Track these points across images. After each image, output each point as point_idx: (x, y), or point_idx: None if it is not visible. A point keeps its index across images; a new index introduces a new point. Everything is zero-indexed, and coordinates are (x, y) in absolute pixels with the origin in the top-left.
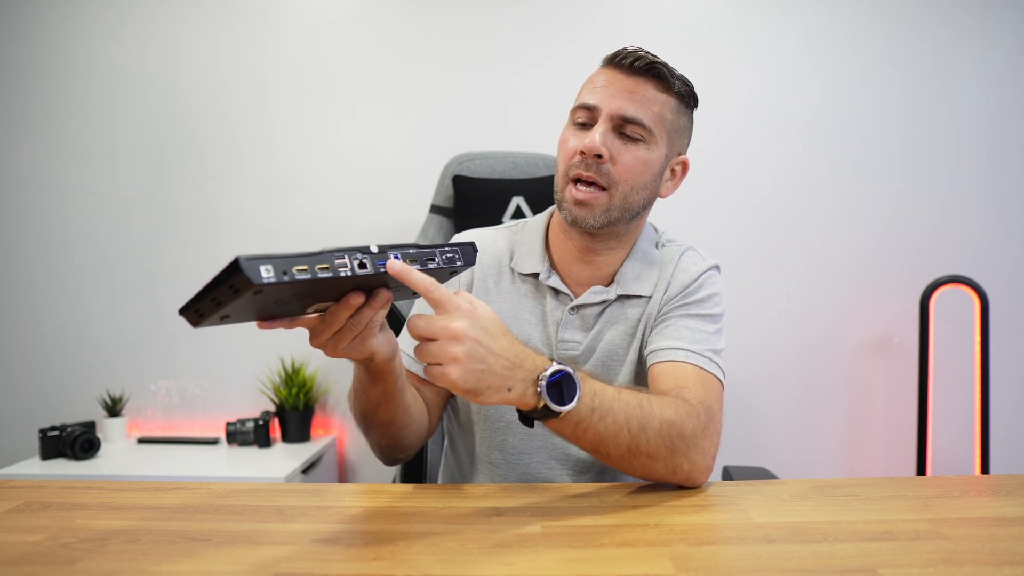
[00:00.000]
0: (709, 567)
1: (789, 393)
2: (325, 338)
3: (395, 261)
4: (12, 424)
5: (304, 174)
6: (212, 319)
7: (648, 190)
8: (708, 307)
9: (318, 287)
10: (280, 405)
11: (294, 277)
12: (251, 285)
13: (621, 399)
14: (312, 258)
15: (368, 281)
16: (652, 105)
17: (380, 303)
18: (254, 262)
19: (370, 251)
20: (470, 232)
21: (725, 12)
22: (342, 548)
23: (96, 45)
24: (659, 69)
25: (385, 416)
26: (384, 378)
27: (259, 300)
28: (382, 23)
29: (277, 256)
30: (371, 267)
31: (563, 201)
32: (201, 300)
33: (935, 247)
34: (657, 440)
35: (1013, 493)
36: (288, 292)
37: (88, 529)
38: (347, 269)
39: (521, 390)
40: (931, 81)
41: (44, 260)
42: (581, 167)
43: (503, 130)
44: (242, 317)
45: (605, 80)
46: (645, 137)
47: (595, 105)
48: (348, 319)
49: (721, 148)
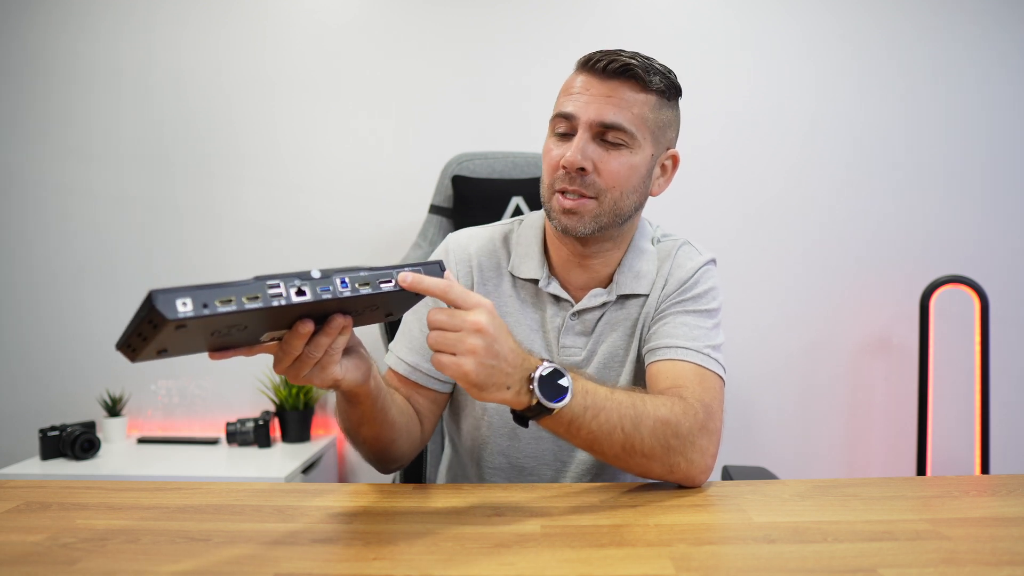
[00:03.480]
0: (709, 567)
1: (789, 393)
2: (285, 365)
3: (407, 274)
4: (12, 424)
5: (305, 174)
6: (147, 353)
7: (638, 192)
8: (705, 302)
9: (255, 318)
10: (280, 405)
11: (216, 310)
12: (167, 321)
13: (614, 398)
14: (238, 288)
15: (319, 307)
16: (631, 107)
17: (335, 330)
18: (170, 295)
19: (311, 277)
20: (465, 230)
21: (725, 12)
22: (342, 548)
23: (99, 45)
24: (633, 69)
25: (369, 433)
26: (360, 401)
27: (191, 333)
28: (383, 25)
29: (197, 287)
30: (311, 293)
31: (551, 211)
32: (130, 335)
33: (935, 247)
34: (652, 439)
35: (1013, 493)
36: (221, 324)
37: (88, 529)
38: (282, 298)
39: (517, 388)
40: (931, 81)
41: (45, 259)
42: (565, 180)
43: (503, 130)
44: (185, 350)
45: (581, 86)
46: (627, 141)
47: (572, 114)
48: (305, 347)
49: (721, 148)
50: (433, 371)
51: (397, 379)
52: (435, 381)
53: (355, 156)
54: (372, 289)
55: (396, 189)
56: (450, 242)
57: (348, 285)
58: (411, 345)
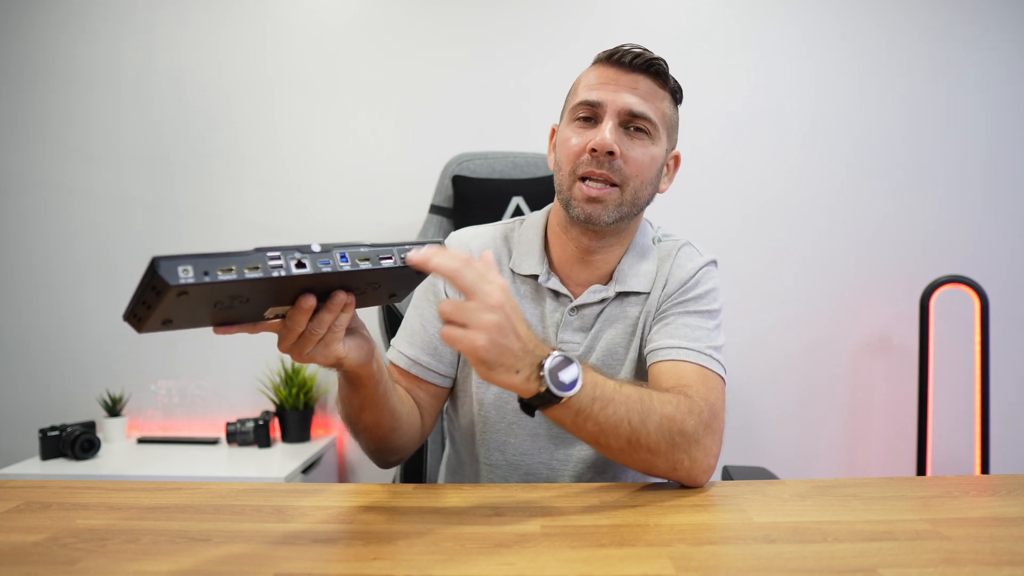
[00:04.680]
0: (709, 567)
1: (789, 393)
2: (289, 343)
3: (415, 252)
4: (12, 424)
5: (305, 174)
6: (152, 323)
7: (653, 185)
8: (706, 303)
9: (256, 289)
10: (280, 405)
11: (216, 278)
12: (168, 286)
13: (622, 391)
14: (239, 258)
15: (320, 282)
16: (654, 100)
17: (337, 306)
18: (172, 262)
19: (311, 250)
20: (466, 229)
21: (725, 12)
22: (342, 548)
23: (99, 45)
24: (658, 65)
25: (370, 420)
26: (363, 383)
27: (194, 303)
28: (383, 25)
29: (199, 256)
30: (311, 266)
31: (572, 199)
32: (136, 304)
33: (935, 247)
34: (658, 434)
35: (1013, 493)
36: (221, 294)
37: (88, 529)
38: (282, 270)
39: (527, 374)
40: (931, 80)
41: (45, 259)
42: (592, 164)
43: (503, 130)
44: (190, 322)
45: (605, 77)
46: (651, 132)
47: (599, 101)
48: (308, 323)
49: (721, 148)
50: (433, 364)
51: (398, 373)
52: (435, 375)
53: (355, 156)
54: (372, 264)
55: (396, 189)
56: (452, 240)
57: (348, 260)
58: (411, 339)
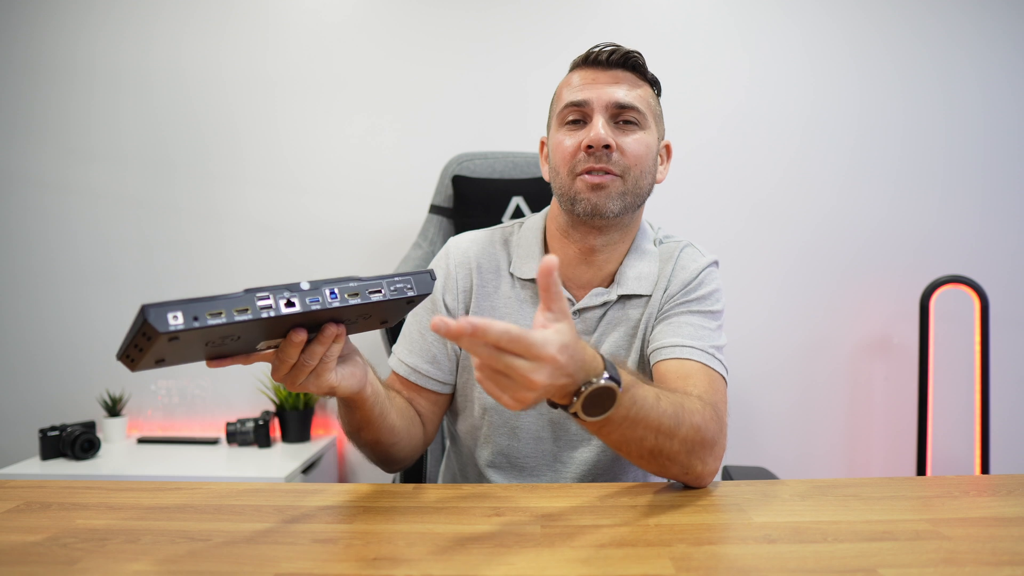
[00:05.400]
0: (709, 567)
1: (788, 393)
2: (282, 374)
3: (438, 321)
4: (12, 424)
5: (306, 174)
6: (145, 363)
7: (651, 174)
8: (709, 304)
9: (247, 328)
10: (280, 405)
11: (206, 323)
12: (158, 334)
13: (659, 408)
14: (228, 301)
15: (311, 318)
16: (638, 90)
17: (328, 338)
18: (161, 309)
19: (300, 288)
20: (466, 234)
21: (724, 12)
22: (342, 548)
23: (99, 45)
24: (635, 58)
25: (369, 438)
26: (358, 407)
27: (186, 344)
28: (383, 25)
29: (188, 301)
30: (300, 305)
31: (576, 195)
32: (128, 347)
33: (935, 247)
34: (681, 445)
35: (1013, 493)
36: (213, 335)
37: (88, 529)
38: (271, 310)
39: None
40: (930, 80)
41: (45, 259)
42: (590, 161)
43: (503, 130)
44: (183, 359)
45: (586, 78)
46: (640, 121)
47: (585, 100)
48: (300, 355)
49: (720, 147)
50: (432, 372)
51: (399, 381)
52: (434, 383)
53: (355, 156)
54: (361, 299)
55: (396, 189)
56: (450, 245)
57: (337, 296)
58: (411, 347)
